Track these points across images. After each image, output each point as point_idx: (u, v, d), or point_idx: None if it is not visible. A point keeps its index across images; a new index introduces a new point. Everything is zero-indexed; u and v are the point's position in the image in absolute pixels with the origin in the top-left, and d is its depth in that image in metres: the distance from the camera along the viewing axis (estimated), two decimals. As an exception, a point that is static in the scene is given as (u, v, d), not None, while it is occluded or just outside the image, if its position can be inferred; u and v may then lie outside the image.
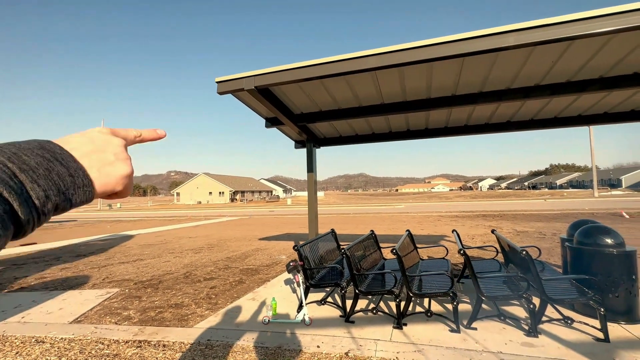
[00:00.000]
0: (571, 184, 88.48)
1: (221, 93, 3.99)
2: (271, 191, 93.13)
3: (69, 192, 0.35)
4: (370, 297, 4.49)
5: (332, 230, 5.71)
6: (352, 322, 3.73)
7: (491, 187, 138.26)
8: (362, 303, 4.26)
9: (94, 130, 0.42)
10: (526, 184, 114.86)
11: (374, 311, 3.82)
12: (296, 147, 7.07)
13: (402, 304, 3.59)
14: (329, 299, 4.45)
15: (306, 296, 4.02)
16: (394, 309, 3.71)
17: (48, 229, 18.66)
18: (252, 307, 4.37)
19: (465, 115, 5.71)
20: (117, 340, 3.47)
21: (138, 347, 3.31)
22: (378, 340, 3.25)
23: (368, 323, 3.69)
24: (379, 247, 5.42)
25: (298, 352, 3.08)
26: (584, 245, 3.65)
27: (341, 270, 4.30)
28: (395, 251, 3.53)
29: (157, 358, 3.07)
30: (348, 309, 3.83)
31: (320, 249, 4.86)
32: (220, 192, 69.71)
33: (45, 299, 5.00)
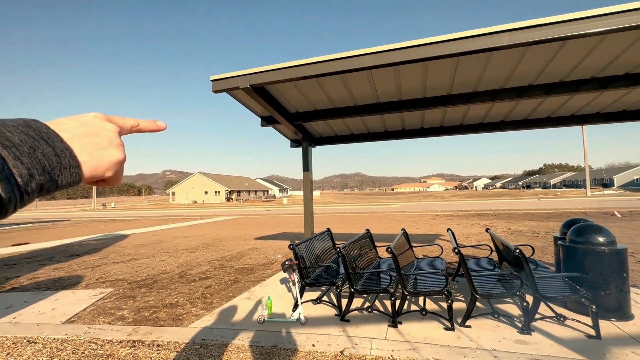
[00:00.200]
0: (564, 184, 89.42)
1: (216, 91, 3.97)
2: (267, 190, 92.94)
3: (54, 172, 0.34)
4: (365, 295, 4.50)
5: (328, 230, 5.72)
6: (348, 320, 3.74)
7: (486, 187, 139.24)
8: (357, 302, 4.27)
9: (89, 114, 0.41)
10: (520, 183, 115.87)
11: (370, 310, 3.83)
12: (292, 146, 7.06)
13: (397, 302, 3.61)
14: (325, 298, 4.45)
15: (302, 295, 4.01)
16: (389, 308, 3.73)
17: (41, 228, 18.45)
18: (248, 306, 4.36)
19: (460, 115, 5.74)
20: (111, 341, 3.44)
21: (132, 347, 3.29)
22: (373, 338, 3.26)
23: (363, 322, 3.70)
24: (375, 246, 5.43)
25: (293, 351, 3.08)
26: (576, 243, 3.69)
27: (337, 269, 4.31)
28: (390, 250, 3.55)
29: (151, 358, 3.05)
30: (343, 307, 3.83)
31: (315, 248, 4.86)
32: (216, 192, 69.40)
33: (37, 299, 4.94)
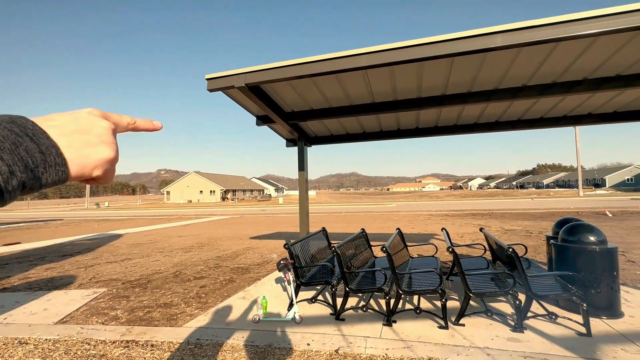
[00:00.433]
0: (557, 184, 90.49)
1: (211, 90, 3.95)
2: (263, 190, 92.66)
3: (38, 169, 0.33)
4: (360, 294, 4.51)
5: (323, 229, 5.72)
6: (343, 319, 3.75)
7: (480, 187, 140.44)
8: (352, 301, 4.29)
9: (84, 110, 0.40)
10: (514, 183, 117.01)
11: (364, 309, 3.85)
12: (287, 146, 7.04)
13: (392, 301, 3.63)
14: (320, 297, 4.46)
15: (297, 294, 4.02)
16: (384, 307, 3.75)
17: (32, 228, 18.19)
18: (243, 305, 4.35)
19: (455, 115, 5.78)
20: (104, 341, 3.41)
21: (125, 347, 3.26)
22: (368, 337, 3.28)
23: (358, 321, 3.72)
24: (370, 246, 5.45)
25: (288, 350, 3.08)
26: (568, 242, 3.75)
27: (332, 268, 4.32)
28: (385, 249, 3.56)
29: (145, 358, 3.03)
30: (338, 307, 3.84)
31: (311, 247, 4.87)
32: (211, 191, 68.99)
33: (29, 300, 4.87)
